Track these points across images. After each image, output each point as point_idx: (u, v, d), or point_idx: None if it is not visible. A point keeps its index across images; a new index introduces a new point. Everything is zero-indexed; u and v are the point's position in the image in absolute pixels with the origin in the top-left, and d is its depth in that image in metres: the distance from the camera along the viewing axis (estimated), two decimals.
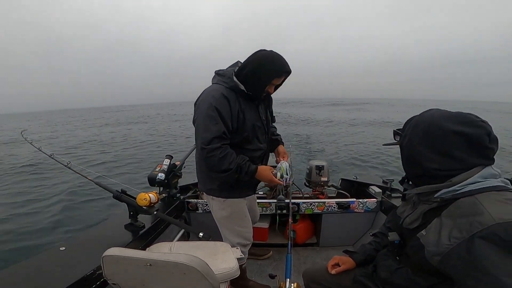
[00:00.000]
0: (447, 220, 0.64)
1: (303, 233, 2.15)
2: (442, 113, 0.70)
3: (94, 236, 1.32)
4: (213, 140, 1.11)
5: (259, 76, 1.14)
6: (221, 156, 1.12)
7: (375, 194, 2.02)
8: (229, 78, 1.17)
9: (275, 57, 1.13)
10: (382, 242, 1.00)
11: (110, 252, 0.80)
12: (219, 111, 1.11)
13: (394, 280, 0.81)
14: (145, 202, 1.32)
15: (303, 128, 15.44)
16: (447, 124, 0.66)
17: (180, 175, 1.96)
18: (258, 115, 1.27)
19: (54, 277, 0.96)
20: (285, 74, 1.18)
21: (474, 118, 0.66)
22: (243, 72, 1.16)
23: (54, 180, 5.93)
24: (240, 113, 1.17)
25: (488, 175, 0.64)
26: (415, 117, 0.77)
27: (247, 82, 1.15)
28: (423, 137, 0.70)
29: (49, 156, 1.59)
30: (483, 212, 0.58)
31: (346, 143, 10.13)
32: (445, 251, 0.61)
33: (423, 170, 0.71)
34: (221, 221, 1.42)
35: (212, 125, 1.11)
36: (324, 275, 1.03)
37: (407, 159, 0.77)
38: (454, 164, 0.66)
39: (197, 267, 0.75)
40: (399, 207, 0.92)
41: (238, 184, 1.28)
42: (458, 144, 0.65)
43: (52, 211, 4.25)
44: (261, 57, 1.14)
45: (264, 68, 1.12)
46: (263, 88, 1.17)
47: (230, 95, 1.15)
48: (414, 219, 0.77)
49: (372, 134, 12.61)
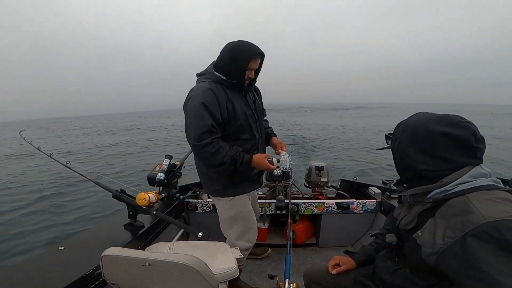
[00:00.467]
0: (440, 220, 0.66)
1: (302, 234, 2.15)
2: (428, 116, 0.73)
3: (93, 236, 1.32)
4: (203, 136, 1.13)
5: (235, 63, 1.18)
6: (213, 151, 1.14)
7: (374, 195, 2.02)
8: (210, 73, 1.24)
9: (244, 43, 1.20)
10: (383, 243, 1.01)
11: (109, 251, 0.80)
12: (206, 106, 1.14)
13: (394, 281, 0.81)
14: (144, 202, 1.32)
15: (299, 131, 15.53)
16: (433, 126, 0.69)
17: (179, 175, 1.96)
18: (247, 104, 1.31)
19: (53, 276, 0.95)
20: (259, 56, 1.22)
21: (459, 119, 0.69)
22: (220, 64, 1.22)
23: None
24: (229, 103, 1.21)
25: (477, 175, 0.66)
26: (403, 121, 0.79)
27: (227, 72, 1.21)
28: (411, 140, 0.73)
29: (49, 156, 1.58)
30: (474, 211, 0.59)
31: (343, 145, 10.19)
32: (440, 250, 0.62)
33: (414, 172, 0.73)
34: (226, 222, 1.42)
35: (200, 121, 1.13)
36: (324, 275, 1.03)
37: (399, 162, 0.79)
38: (444, 164, 0.68)
39: (196, 267, 0.75)
40: (395, 209, 0.94)
41: (241, 179, 1.31)
42: (445, 145, 0.67)
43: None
44: (232, 46, 1.20)
45: (238, 55, 1.18)
46: (243, 74, 1.21)
47: (216, 88, 1.19)
48: (409, 220, 0.78)
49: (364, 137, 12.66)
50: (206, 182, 1.37)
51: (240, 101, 1.27)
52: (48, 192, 5.38)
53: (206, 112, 1.13)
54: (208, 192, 1.40)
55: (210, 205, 1.99)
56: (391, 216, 1.02)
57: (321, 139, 12.31)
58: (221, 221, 1.44)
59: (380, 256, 0.94)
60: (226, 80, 1.21)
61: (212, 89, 1.17)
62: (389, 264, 0.86)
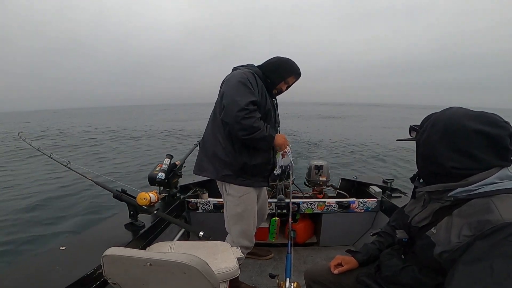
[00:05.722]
0: (458, 218, 0.64)
1: (303, 233, 2.15)
2: (464, 112, 0.69)
3: (94, 236, 1.32)
4: (250, 104, 1.20)
5: (279, 71, 1.37)
6: (259, 117, 1.23)
7: (375, 194, 2.02)
8: (252, 66, 1.39)
9: (293, 61, 1.39)
10: (386, 241, 1.00)
11: (110, 251, 0.80)
12: (251, 83, 1.25)
13: (401, 279, 0.80)
14: (145, 202, 1.32)
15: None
16: (469, 122, 0.65)
17: (180, 174, 1.96)
18: (273, 104, 1.43)
19: (54, 276, 0.96)
20: (298, 76, 1.43)
21: (497, 118, 0.66)
22: (265, 67, 1.38)
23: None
24: (263, 91, 1.33)
25: (505, 177, 0.63)
26: (435, 113, 0.76)
27: (268, 71, 1.37)
28: (443, 135, 0.69)
29: (49, 156, 1.58)
30: (493, 212, 0.58)
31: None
32: (453, 248, 0.61)
33: (439, 168, 0.70)
34: (233, 219, 1.43)
35: (247, 92, 1.22)
36: (326, 275, 1.02)
37: (423, 156, 0.75)
38: (472, 163, 0.65)
39: (197, 266, 0.75)
40: (407, 205, 0.91)
41: (253, 172, 1.37)
42: (478, 143, 0.64)
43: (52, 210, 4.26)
44: (283, 58, 1.39)
45: (286, 65, 1.38)
46: (280, 81, 1.38)
47: (255, 76, 1.32)
48: (423, 217, 0.76)
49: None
50: (218, 167, 1.36)
51: (269, 98, 1.37)
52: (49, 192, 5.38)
53: (250, 87, 1.24)
54: (217, 178, 1.40)
55: (210, 205, 1.99)
56: (398, 212, 1.00)
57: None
58: (228, 217, 1.45)
59: (385, 254, 0.93)
60: (263, 75, 1.36)
61: (253, 73, 1.31)
62: (395, 262, 0.84)
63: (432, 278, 0.72)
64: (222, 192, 1.45)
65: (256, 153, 1.35)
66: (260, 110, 1.27)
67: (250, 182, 1.38)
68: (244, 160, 1.32)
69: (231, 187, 1.38)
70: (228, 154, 1.32)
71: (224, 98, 1.24)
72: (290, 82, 1.41)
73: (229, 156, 1.32)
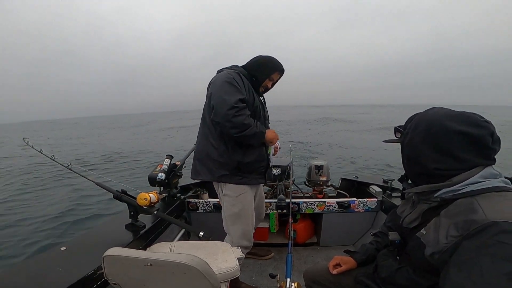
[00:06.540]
0: (445, 219, 0.65)
1: (303, 233, 2.15)
2: (445, 112, 0.69)
3: (94, 236, 1.32)
4: (239, 101, 1.22)
5: (262, 69, 1.39)
6: (248, 114, 1.25)
7: (375, 193, 2.02)
8: (236, 66, 1.41)
9: (274, 58, 1.42)
10: (383, 241, 1.00)
11: (110, 252, 0.80)
12: (237, 82, 1.27)
13: (396, 280, 0.80)
14: (145, 202, 1.32)
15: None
16: (451, 123, 0.65)
17: (180, 175, 1.96)
18: (261, 102, 1.44)
19: (55, 277, 0.96)
20: (281, 73, 1.46)
21: (478, 118, 0.65)
22: (249, 63, 1.41)
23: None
24: (250, 89, 1.35)
25: (489, 175, 0.64)
26: (417, 114, 0.76)
27: (253, 69, 1.39)
28: (425, 136, 0.69)
29: (50, 158, 1.58)
30: (477, 211, 0.58)
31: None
32: (443, 249, 0.62)
33: (423, 169, 0.70)
34: (230, 219, 1.44)
35: (235, 91, 1.24)
36: (325, 275, 1.02)
37: (408, 157, 0.76)
38: (455, 164, 0.65)
39: (198, 267, 0.75)
40: (399, 206, 0.92)
41: (248, 170, 1.37)
42: (460, 144, 0.64)
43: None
44: (264, 57, 1.42)
45: (269, 63, 1.40)
46: (265, 78, 1.40)
47: (241, 75, 1.34)
48: (413, 219, 0.77)
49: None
50: (213, 168, 1.37)
51: (256, 96, 1.38)
52: (48, 192, 5.39)
53: (237, 85, 1.26)
54: (213, 179, 1.40)
55: (211, 205, 1.99)
56: (392, 213, 1.00)
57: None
58: (226, 217, 1.46)
59: (381, 255, 0.93)
60: (248, 74, 1.37)
61: (238, 73, 1.32)
62: (391, 263, 0.85)
63: (427, 279, 0.73)
64: (219, 193, 1.45)
65: (249, 150, 1.36)
66: (249, 107, 1.28)
67: (247, 180, 1.39)
68: (238, 159, 1.33)
69: (227, 187, 1.38)
70: (222, 154, 1.33)
71: (212, 99, 1.25)
72: (274, 78, 1.44)
73: (223, 156, 1.33)
